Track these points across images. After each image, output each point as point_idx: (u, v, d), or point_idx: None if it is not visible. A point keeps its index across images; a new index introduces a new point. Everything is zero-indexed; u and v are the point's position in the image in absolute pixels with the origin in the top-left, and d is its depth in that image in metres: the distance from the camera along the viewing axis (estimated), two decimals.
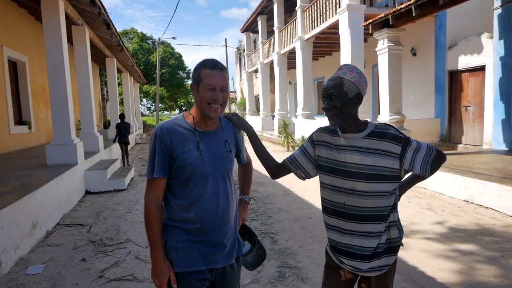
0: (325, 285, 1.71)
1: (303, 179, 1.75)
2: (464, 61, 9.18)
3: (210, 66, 1.46)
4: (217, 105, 1.46)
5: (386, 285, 1.58)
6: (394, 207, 1.55)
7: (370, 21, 8.01)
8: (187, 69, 38.66)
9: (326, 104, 1.52)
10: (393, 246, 1.56)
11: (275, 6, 15.89)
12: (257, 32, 20.52)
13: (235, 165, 1.70)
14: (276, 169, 1.76)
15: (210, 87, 1.44)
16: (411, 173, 1.58)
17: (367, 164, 1.48)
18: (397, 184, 1.53)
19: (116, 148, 10.43)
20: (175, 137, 1.46)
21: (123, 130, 9.64)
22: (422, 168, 1.52)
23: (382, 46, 7.95)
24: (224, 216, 1.52)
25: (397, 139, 1.49)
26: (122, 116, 10.06)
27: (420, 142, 1.53)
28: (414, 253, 3.55)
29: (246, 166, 1.81)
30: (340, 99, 1.48)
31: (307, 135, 10.06)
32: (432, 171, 1.55)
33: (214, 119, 1.51)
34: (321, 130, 1.66)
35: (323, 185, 1.64)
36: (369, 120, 1.65)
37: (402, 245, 1.62)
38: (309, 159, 1.69)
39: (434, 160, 1.53)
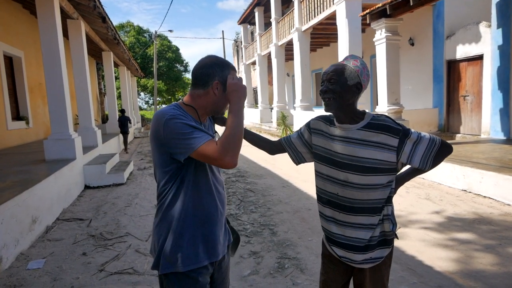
0: (322, 274, 1.72)
1: (297, 163, 1.76)
2: (462, 51, 9.14)
3: (232, 67, 1.50)
4: None
5: (380, 276, 1.58)
6: (388, 201, 1.53)
7: (367, 11, 7.95)
8: (184, 62, 38.46)
9: (324, 86, 1.51)
10: (387, 239, 1.55)
11: None
12: (254, 24, 20.36)
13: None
14: (271, 147, 1.79)
15: None
16: (409, 166, 1.54)
17: (362, 157, 1.46)
18: (392, 176, 1.50)
19: (114, 142, 10.52)
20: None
21: (123, 122, 11.50)
22: (423, 162, 1.46)
23: (380, 36, 7.90)
24: (223, 207, 1.53)
25: (394, 131, 1.45)
26: (122, 111, 11.93)
27: (421, 134, 1.48)
28: (412, 242, 3.57)
29: None
30: (338, 83, 1.47)
31: None
32: (435, 164, 1.49)
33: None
34: (318, 118, 1.67)
35: (318, 174, 1.64)
36: (367, 110, 1.62)
37: (397, 238, 1.61)
38: (304, 143, 1.70)
39: (438, 153, 1.47)
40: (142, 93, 40.69)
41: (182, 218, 1.43)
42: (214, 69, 1.44)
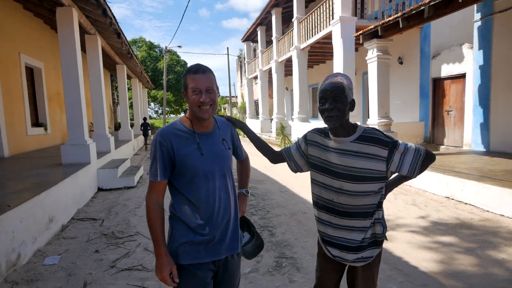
0: (317, 271, 1.76)
1: (294, 171, 1.81)
2: (447, 69, 9.23)
3: (193, 70, 1.45)
4: (206, 106, 1.44)
5: (371, 273, 1.61)
6: (379, 205, 1.56)
7: (360, 32, 8.06)
8: None
9: (329, 104, 1.49)
10: (378, 241, 1.58)
11: (273, 18, 15.93)
12: (256, 41, 20.54)
13: (234, 162, 1.72)
14: (273, 157, 1.86)
15: (196, 90, 1.43)
16: (397, 173, 1.58)
17: (355, 167, 1.49)
18: (383, 183, 1.53)
19: (125, 148, 10.57)
20: (176, 140, 1.45)
21: (144, 127, 14.52)
22: (410, 170, 1.50)
23: (372, 55, 7.99)
24: (225, 212, 1.52)
25: (384, 143, 1.49)
26: (145, 119, 14.88)
27: (408, 145, 1.51)
28: (399, 244, 3.59)
29: (244, 162, 1.82)
30: (342, 102, 1.49)
31: None
32: (420, 172, 1.53)
33: (207, 120, 1.48)
34: (314, 131, 1.70)
35: (314, 182, 1.66)
36: (359, 123, 1.66)
37: (386, 239, 1.64)
38: (302, 155, 1.74)
39: (424, 161, 1.51)
40: (152, 103, 40.82)
41: (183, 218, 1.48)
42: (183, 78, 1.51)
